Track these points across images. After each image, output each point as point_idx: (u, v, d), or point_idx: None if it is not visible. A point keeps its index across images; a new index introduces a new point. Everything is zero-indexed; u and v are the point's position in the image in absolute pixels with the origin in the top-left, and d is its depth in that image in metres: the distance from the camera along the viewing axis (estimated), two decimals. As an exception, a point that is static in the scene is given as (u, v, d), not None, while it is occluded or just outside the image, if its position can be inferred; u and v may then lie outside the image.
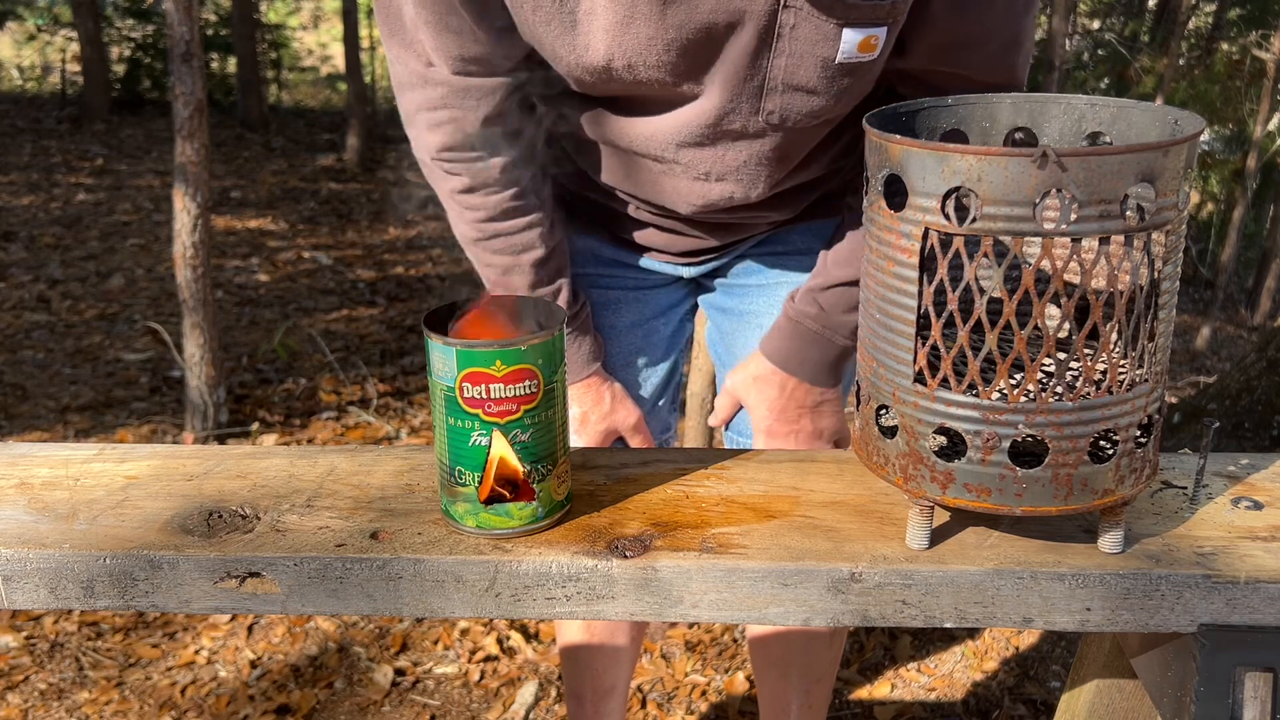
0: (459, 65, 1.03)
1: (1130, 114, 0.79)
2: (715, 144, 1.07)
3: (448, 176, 1.12)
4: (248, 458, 0.95)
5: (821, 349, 1.18)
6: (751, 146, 1.06)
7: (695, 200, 1.14)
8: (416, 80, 1.06)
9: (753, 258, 1.32)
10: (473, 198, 1.13)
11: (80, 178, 6.70)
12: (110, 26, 9.55)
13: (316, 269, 5.05)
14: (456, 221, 1.17)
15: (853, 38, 0.93)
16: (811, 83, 0.97)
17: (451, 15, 0.99)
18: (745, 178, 1.10)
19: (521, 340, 0.77)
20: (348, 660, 2.17)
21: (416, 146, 1.13)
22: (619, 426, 1.27)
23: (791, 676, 1.48)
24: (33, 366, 3.70)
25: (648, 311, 1.34)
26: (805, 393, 1.21)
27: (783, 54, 0.95)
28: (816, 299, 1.17)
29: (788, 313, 1.20)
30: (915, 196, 0.70)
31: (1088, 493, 0.73)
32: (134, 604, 0.80)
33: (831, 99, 0.99)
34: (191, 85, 2.88)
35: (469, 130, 1.07)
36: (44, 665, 2.14)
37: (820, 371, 1.20)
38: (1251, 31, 6.54)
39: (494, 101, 1.06)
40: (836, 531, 0.81)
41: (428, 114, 1.08)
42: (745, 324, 1.34)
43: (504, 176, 1.11)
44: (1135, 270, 0.71)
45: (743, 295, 1.34)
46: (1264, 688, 0.76)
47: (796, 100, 0.99)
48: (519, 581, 0.78)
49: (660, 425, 1.41)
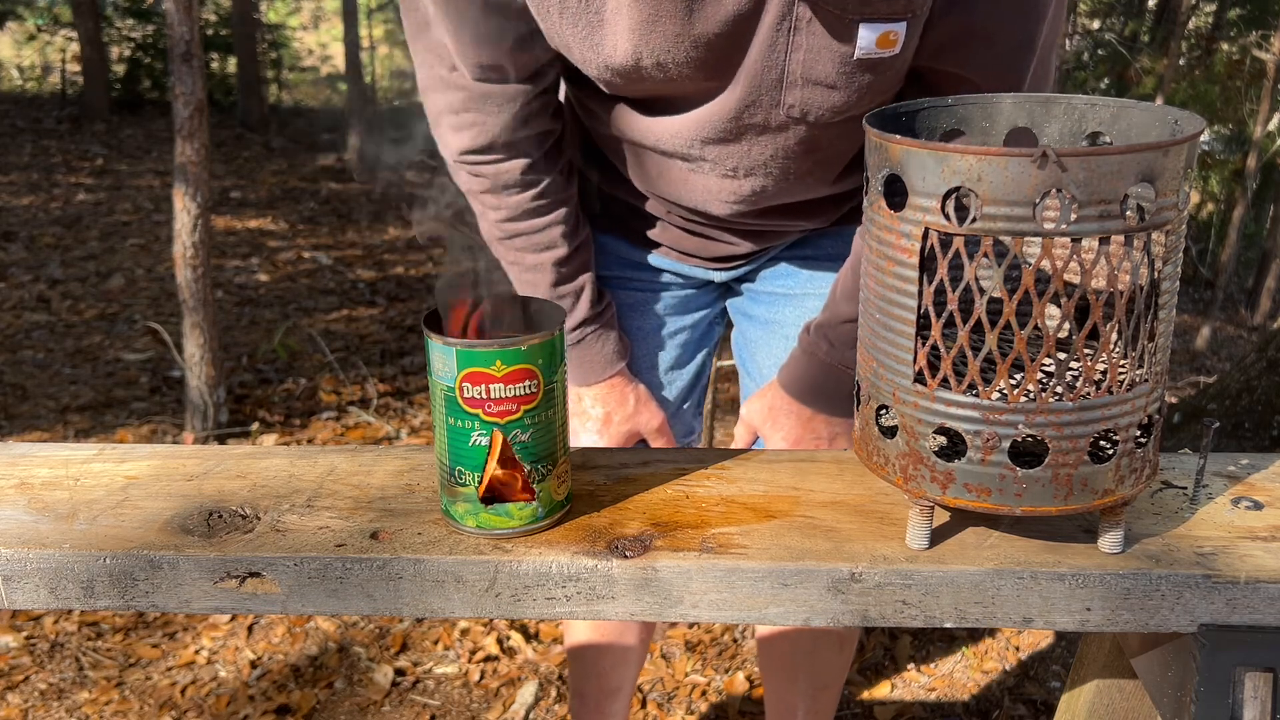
0: (479, 72, 1.04)
1: (1130, 114, 0.79)
2: (740, 139, 1.06)
3: (471, 178, 1.14)
4: (248, 458, 0.95)
5: (837, 381, 1.18)
6: (776, 140, 1.06)
7: (727, 197, 1.14)
8: (440, 84, 1.08)
9: (784, 260, 1.31)
10: (494, 198, 1.14)
11: (80, 178, 6.70)
12: (110, 26, 9.55)
13: (316, 269, 5.05)
14: (480, 220, 1.18)
15: (870, 33, 0.92)
16: (830, 78, 0.97)
17: (473, 24, 1.00)
18: (775, 170, 1.09)
19: (521, 340, 0.77)
20: (348, 660, 2.17)
21: (441, 146, 1.14)
22: (642, 428, 1.27)
23: (799, 681, 1.48)
24: (33, 366, 3.70)
25: (674, 314, 1.34)
26: (823, 424, 1.21)
27: (800, 48, 0.95)
28: (827, 335, 1.17)
29: (802, 344, 1.20)
30: (915, 196, 0.70)
31: (1088, 493, 0.73)
32: (134, 604, 0.80)
33: (853, 94, 0.98)
34: (191, 85, 2.88)
35: (492, 134, 1.08)
36: (44, 665, 2.14)
37: (836, 403, 1.20)
38: (1251, 31, 6.54)
39: (516, 107, 1.07)
40: (836, 531, 0.81)
41: (451, 116, 1.09)
42: (770, 333, 1.33)
43: (524, 178, 1.12)
44: (1135, 270, 0.71)
45: (770, 304, 1.33)
46: (1264, 688, 0.76)
47: (816, 95, 0.99)
48: (519, 581, 0.78)
49: (684, 429, 1.41)
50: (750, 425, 1.26)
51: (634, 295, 1.31)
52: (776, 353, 1.31)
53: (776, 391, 1.22)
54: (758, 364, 1.36)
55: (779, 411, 1.22)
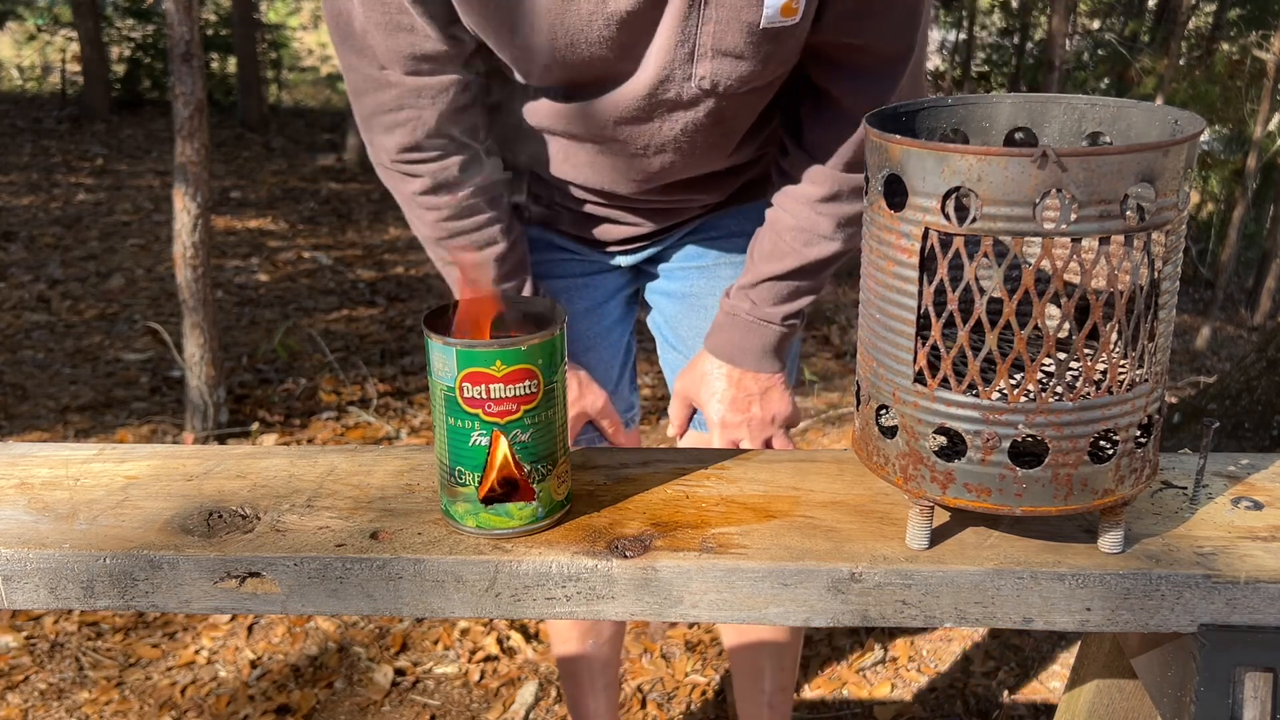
0: (411, 65, 1.05)
1: (1130, 114, 0.79)
2: (652, 117, 1.09)
3: (407, 179, 1.14)
4: (248, 458, 0.95)
5: (761, 336, 1.22)
6: (687, 115, 1.09)
7: (635, 175, 1.18)
8: (370, 85, 1.08)
9: (690, 243, 1.36)
10: (434, 198, 1.14)
11: (80, 178, 6.70)
12: (110, 26, 9.55)
13: (316, 269, 5.05)
14: (417, 224, 1.19)
15: (774, 2, 0.96)
16: (739, 48, 1.00)
17: (402, 14, 1.01)
18: (684, 144, 1.13)
19: (521, 340, 0.77)
20: (348, 660, 2.17)
21: (374, 151, 1.15)
22: (589, 410, 1.29)
23: (764, 683, 1.60)
24: (33, 366, 3.70)
25: (599, 296, 1.38)
26: (752, 380, 1.24)
27: (710, 20, 0.98)
28: (748, 295, 1.21)
29: (724, 308, 1.24)
30: (915, 196, 0.70)
31: (1088, 493, 0.73)
32: (134, 604, 0.80)
33: (759, 64, 1.02)
34: (191, 85, 2.88)
35: (427, 128, 1.09)
36: (44, 665, 2.14)
37: (764, 358, 1.24)
38: (1251, 31, 6.55)
39: (448, 99, 1.08)
40: (836, 531, 0.81)
41: (384, 116, 1.10)
42: (689, 305, 1.39)
43: (463, 175, 1.13)
44: (1135, 270, 0.71)
45: (683, 278, 1.38)
46: (1264, 688, 0.76)
47: (726, 65, 1.02)
48: (519, 581, 0.78)
49: (624, 404, 1.45)
50: (684, 397, 1.30)
51: (559, 281, 1.34)
52: (696, 323, 1.37)
53: (704, 358, 1.26)
54: (680, 336, 1.41)
55: (709, 376, 1.25)
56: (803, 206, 1.15)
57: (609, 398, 1.31)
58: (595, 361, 1.38)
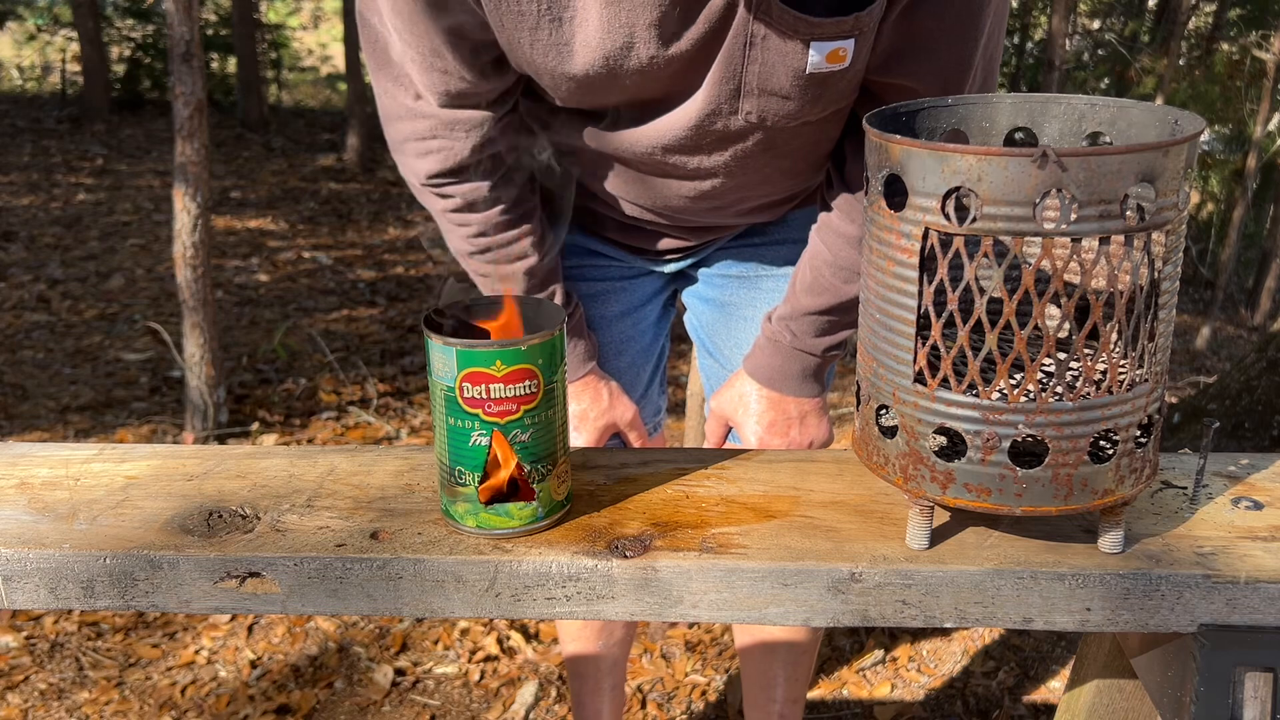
0: (446, 100, 1.05)
1: (1130, 114, 0.79)
2: (700, 146, 1.08)
3: (439, 199, 1.14)
4: (248, 458, 0.95)
5: (802, 363, 1.23)
6: (736, 145, 1.08)
7: (687, 193, 1.17)
8: (405, 113, 1.08)
9: (733, 248, 1.35)
10: (466, 215, 1.15)
11: (80, 178, 6.70)
12: (110, 26, 9.55)
13: (316, 269, 5.05)
14: (449, 236, 1.19)
15: (819, 51, 0.95)
16: (785, 89, 0.99)
17: (437, 57, 1.00)
18: (735, 170, 1.13)
19: (521, 340, 0.77)
20: (348, 660, 2.17)
21: (405, 172, 1.14)
22: (617, 422, 1.30)
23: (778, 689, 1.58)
24: (33, 366, 3.70)
25: (636, 299, 1.37)
26: (793, 405, 1.25)
27: (756, 61, 0.97)
28: (789, 326, 1.22)
29: (765, 332, 1.24)
30: (915, 196, 0.70)
31: (1088, 493, 0.73)
32: (134, 604, 0.80)
33: (806, 104, 1.01)
34: (191, 85, 2.88)
35: (460, 158, 1.09)
36: (44, 665, 2.14)
37: (804, 383, 1.25)
38: (1251, 31, 6.55)
39: (482, 132, 1.07)
40: (836, 531, 0.81)
41: (417, 143, 1.09)
42: (728, 315, 1.38)
43: (493, 195, 1.13)
44: (1135, 270, 0.71)
45: (723, 286, 1.38)
46: (1264, 688, 0.76)
47: (773, 104, 1.01)
48: (519, 581, 0.78)
49: (652, 409, 1.46)
50: (722, 416, 1.30)
51: (593, 285, 1.34)
52: (735, 334, 1.37)
53: (742, 378, 1.27)
54: (717, 345, 1.42)
55: (749, 398, 1.26)
56: (841, 243, 1.15)
57: (638, 409, 1.32)
58: (626, 365, 1.37)
